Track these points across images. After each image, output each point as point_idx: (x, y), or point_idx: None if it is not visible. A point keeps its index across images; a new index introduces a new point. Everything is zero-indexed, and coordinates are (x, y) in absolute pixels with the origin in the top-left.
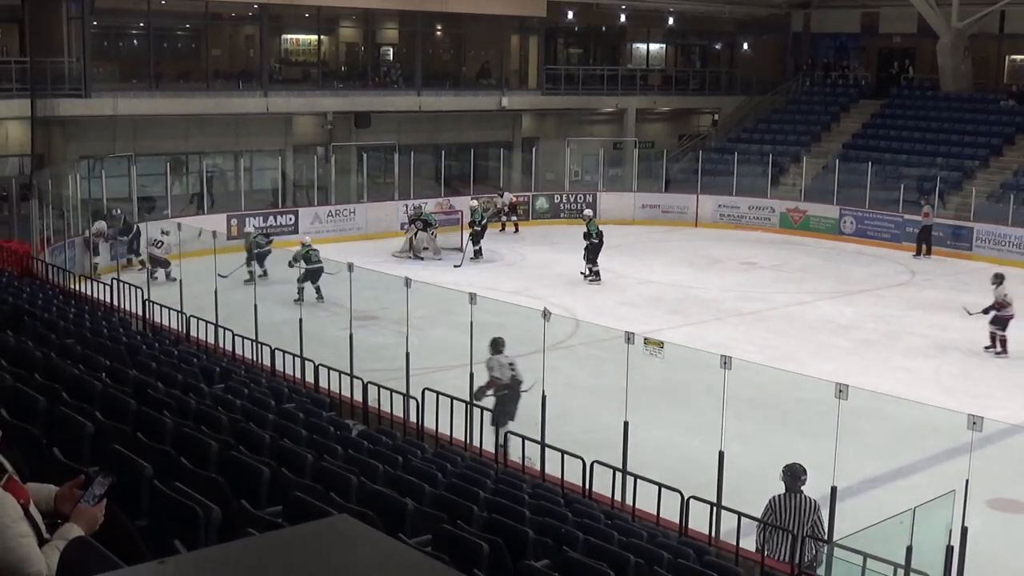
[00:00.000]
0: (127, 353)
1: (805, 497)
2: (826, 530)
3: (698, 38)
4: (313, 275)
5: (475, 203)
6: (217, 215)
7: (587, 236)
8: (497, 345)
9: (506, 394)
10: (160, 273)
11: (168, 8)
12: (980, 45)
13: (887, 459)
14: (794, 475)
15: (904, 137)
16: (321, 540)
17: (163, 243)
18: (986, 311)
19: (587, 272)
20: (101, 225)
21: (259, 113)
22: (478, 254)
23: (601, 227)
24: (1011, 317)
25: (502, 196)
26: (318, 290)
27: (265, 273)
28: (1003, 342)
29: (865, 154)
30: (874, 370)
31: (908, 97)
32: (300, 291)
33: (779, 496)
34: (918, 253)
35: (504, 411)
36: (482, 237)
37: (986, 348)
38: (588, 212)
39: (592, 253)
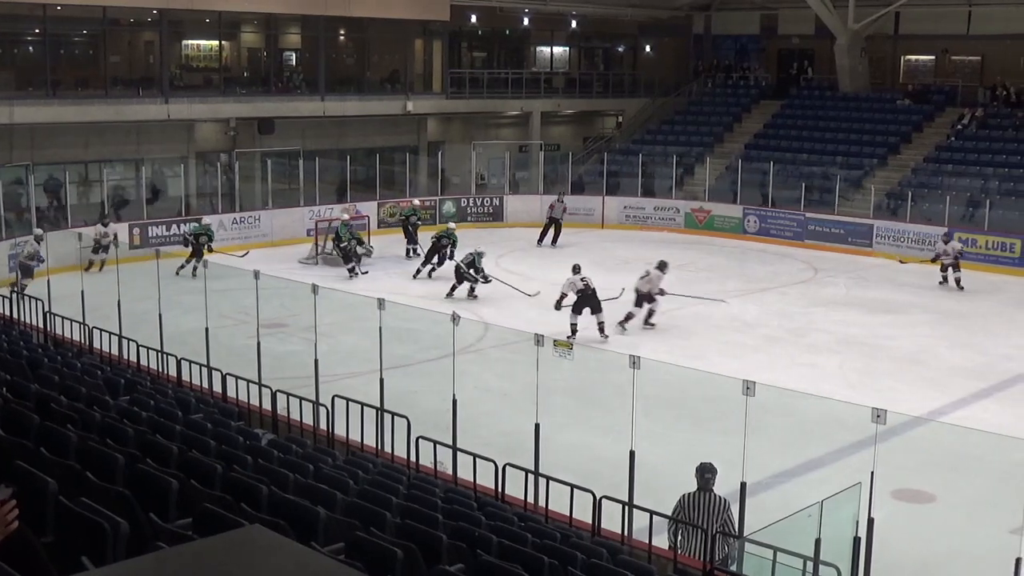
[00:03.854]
0: (28, 367)
1: (715, 495)
2: (736, 528)
3: (601, 41)
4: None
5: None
6: (119, 224)
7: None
8: (577, 269)
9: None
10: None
11: (64, 14)
12: (876, 46)
13: (794, 453)
14: (707, 474)
15: (804, 136)
16: (233, 551)
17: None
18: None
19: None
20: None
21: (160, 120)
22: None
23: (509, 229)
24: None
25: (560, 200)
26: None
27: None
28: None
29: (767, 154)
30: (780, 366)
31: (807, 97)
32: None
33: (689, 494)
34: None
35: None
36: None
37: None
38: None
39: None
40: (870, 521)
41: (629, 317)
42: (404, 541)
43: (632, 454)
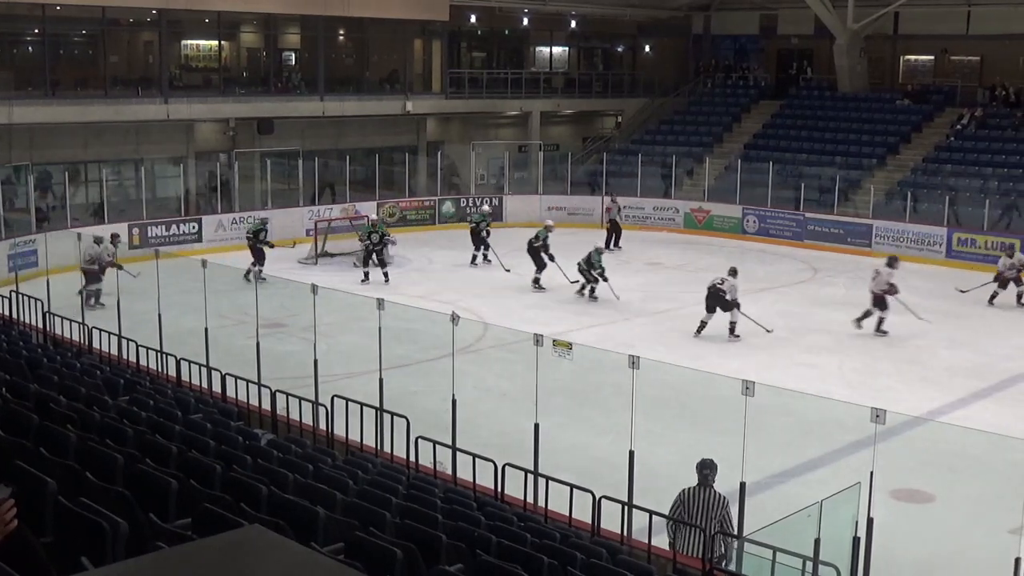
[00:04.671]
0: (27, 367)
1: (715, 492)
2: (735, 526)
3: (600, 41)
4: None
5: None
6: (118, 224)
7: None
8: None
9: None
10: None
11: (64, 14)
12: (875, 46)
13: (794, 454)
14: (706, 469)
15: (804, 137)
16: (233, 551)
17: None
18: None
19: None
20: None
21: (159, 120)
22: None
23: (508, 230)
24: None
25: (614, 201)
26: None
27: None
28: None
29: (766, 154)
30: (779, 367)
31: (807, 97)
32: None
33: (689, 489)
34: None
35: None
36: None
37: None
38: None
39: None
40: (869, 521)
41: (867, 315)
42: (403, 541)
43: (631, 454)
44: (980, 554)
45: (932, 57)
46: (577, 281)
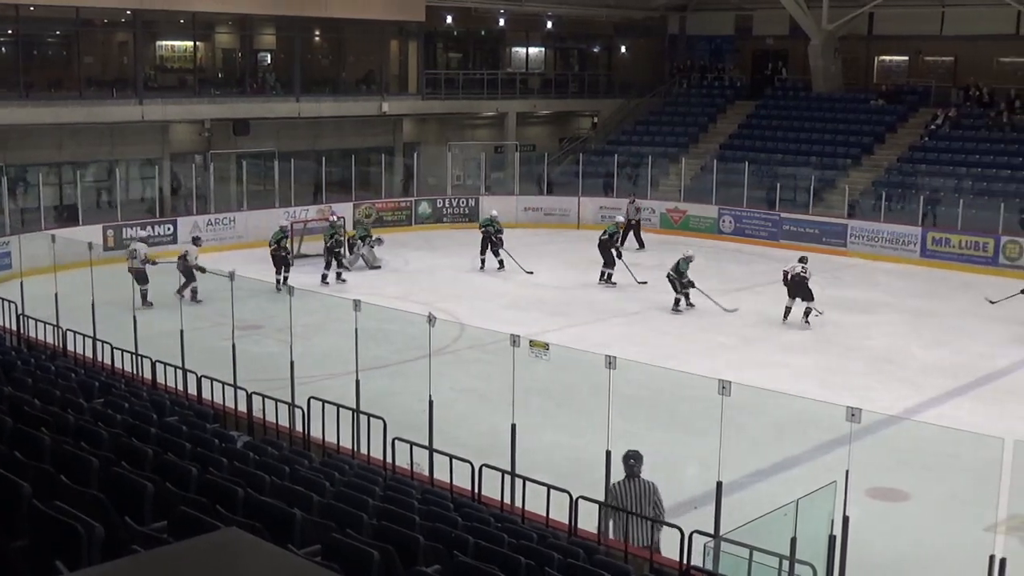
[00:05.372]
0: (1, 370)
1: (643, 480)
2: (664, 510)
3: (576, 41)
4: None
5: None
6: (93, 226)
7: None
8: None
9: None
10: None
11: (38, 14)
12: (850, 46)
13: (770, 453)
14: (632, 460)
15: (779, 137)
16: (210, 554)
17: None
18: None
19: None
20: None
21: (134, 121)
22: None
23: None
24: None
25: (633, 202)
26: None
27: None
28: None
29: (741, 154)
30: (755, 366)
31: (782, 98)
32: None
33: (619, 482)
34: None
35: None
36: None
37: None
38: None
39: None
40: (845, 519)
41: None
42: (381, 543)
43: (608, 454)
44: (955, 552)
45: (906, 57)
46: (645, 282)
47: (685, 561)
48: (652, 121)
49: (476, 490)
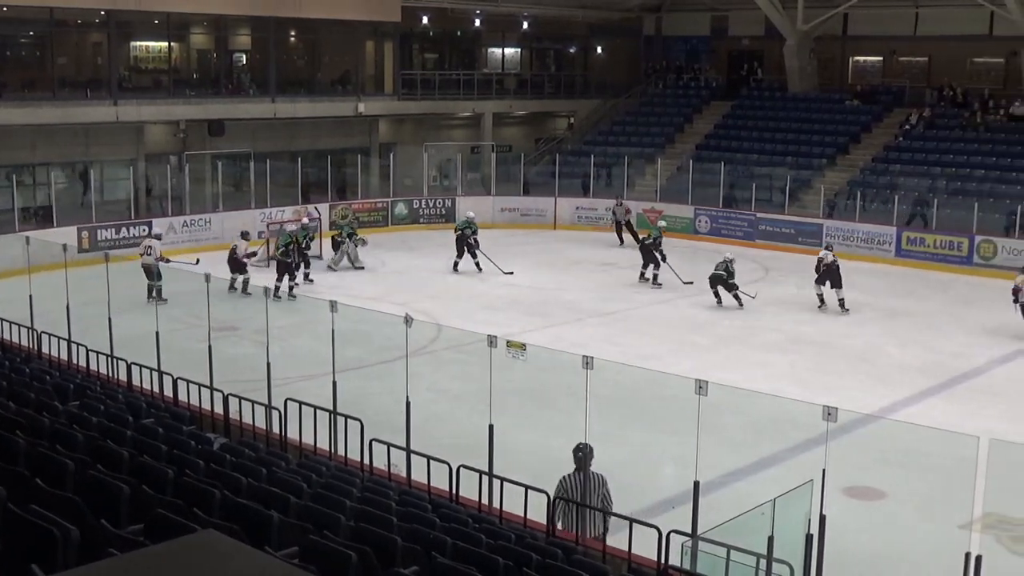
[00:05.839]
0: None
1: (592, 473)
2: (612, 503)
3: (552, 42)
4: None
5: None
6: (67, 227)
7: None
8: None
9: None
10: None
11: (10, 14)
12: (825, 47)
13: (747, 452)
14: (580, 453)
15: (755, 137)
16: (187, 556)
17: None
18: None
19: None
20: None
21: (109, 122)
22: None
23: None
24: None
25: (620, 204)
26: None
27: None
28: None
29: (717, 154)
30: (732, 366)
31: (757, 98)
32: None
33: (568, 475)
34: None
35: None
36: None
37: None
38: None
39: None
40: (822, 518)
41: None
42: (358, 544)
43: None
44: (931, 549)
45: (881, 58)
46: (691, 282)
47: (663, 561)
48: (628, 121)
49: (454, 491)
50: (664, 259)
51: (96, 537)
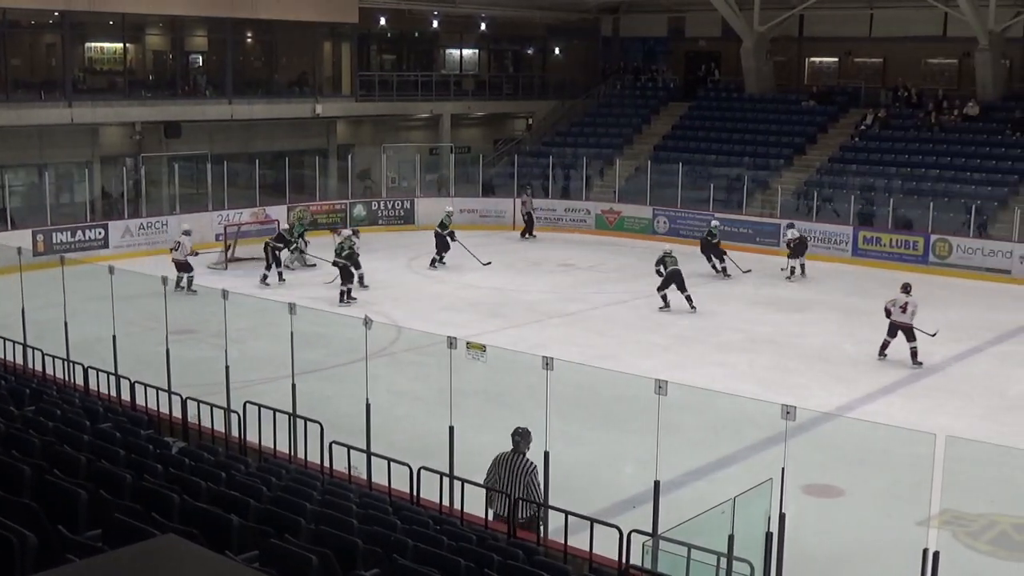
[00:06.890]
0: None
1: (524, 458)
2: (541, 493)
3: (510, 43)
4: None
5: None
6: (23, 231)
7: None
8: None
9: None
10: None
11: None
12: (781, 48)
13: (707, 451)
14: (517, 436)
15: (712, 138)
16: (146, 561)
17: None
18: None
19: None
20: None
21: (63, 124)
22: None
23: (420, 232)
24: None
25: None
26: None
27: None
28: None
29: (675, 155)
30: (691, 365)
31: (715, 99)
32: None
33: (502, 455)
34: None
35: None
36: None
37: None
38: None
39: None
40: (782, 516)
41: None
42: (319, 547)
43: (547, 455)
44: (889, 546)
45: (836, 59)
46: (749, 270)
47: (624, 560)
48: (587, 122)
49: (415, 493)
50: (724, 253)
51: (54, 543)
